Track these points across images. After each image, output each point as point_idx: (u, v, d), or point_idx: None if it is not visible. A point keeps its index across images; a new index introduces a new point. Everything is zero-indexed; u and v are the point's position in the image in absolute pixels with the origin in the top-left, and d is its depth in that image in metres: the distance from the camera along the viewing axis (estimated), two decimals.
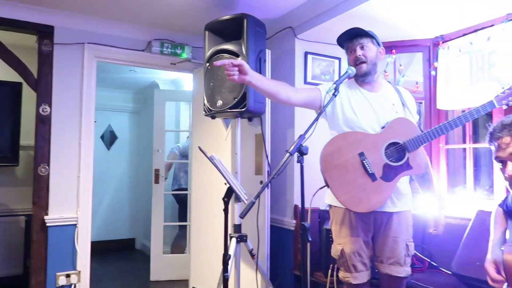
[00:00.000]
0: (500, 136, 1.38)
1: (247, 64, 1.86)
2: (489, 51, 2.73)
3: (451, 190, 3.19)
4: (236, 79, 1.86)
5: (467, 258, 2.27)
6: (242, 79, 1.87)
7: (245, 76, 1.86)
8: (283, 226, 3.21)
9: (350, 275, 2.02)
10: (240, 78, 1.86)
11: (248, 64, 2.59)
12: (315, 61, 3.24)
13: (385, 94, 2.11)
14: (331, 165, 1.97)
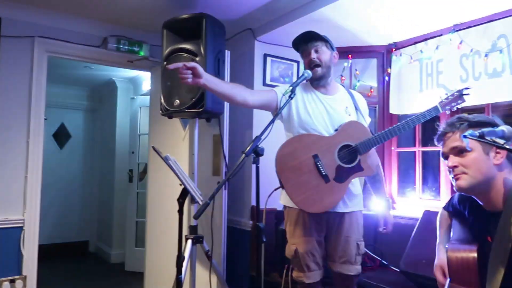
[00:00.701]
0: (445, 132, 1.46)
1: (201, 67, 1.84)
2: (437, 59, 2.88)
3: (402, 191, 3.32)
4: (190, 82, 1.83)
5: (414, 256, 2.37)
6: (196, 82, 1.84)
7: (199, 79, 1.84)
8: (240, 227, 3.21)
9: (303, 274, 2.06)
10: (193, 81, 1.84)
11: (206, 65, 2.63)
12: (274, 64, 3.27)
13: (339, 97, 2.17)
14: (286, 166, 1.99)
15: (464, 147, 1.35)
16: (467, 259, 1.35)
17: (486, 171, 1.35)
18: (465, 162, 1.37)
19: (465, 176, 1.37)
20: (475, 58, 2.65)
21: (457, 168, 1.39)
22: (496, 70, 2.54)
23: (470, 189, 1.39)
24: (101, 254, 5.45)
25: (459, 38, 2.73)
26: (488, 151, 1.37)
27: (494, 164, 1.36)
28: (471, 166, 1.36)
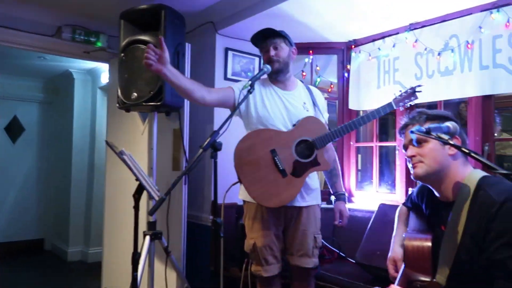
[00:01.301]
0: (406, 125, 1.52)
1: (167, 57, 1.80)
2: (394, 57, 2.96)
3: (360, 185, 3.41)
4: (153, 67, 1.79)
5: (369, 248, 2.44)
6: (159, 69, 1.80)
7: (162, 67, 1.80)
8: (200, 223, 3.18)
9: (261, 268, 2.08)
10: (156, 67, 1.80)
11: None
12: (236, 58, 3.25)
13: (297, 93, 2.19)
14: (244, 161, 2.00)
15: (422, 138, 1.42)
16: (422, 247, 1.41)
17: (440, 160, 1.42)
18: (422, 151, 1.44)
19: (421, 165, 1.44)
20: (429, 56, 2.74)
21: (415, 158, 1.45)
22: (448, 69, 2.64)
23: (426, 177, 1.45)
24: (58, 252, 5.26)
25: (414, 37, 2.82)
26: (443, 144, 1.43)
27: (448, 154, 1.42)
28: (427, 155, 1.43)
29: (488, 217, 1.24)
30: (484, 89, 2.46)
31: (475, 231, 1.28)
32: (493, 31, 2.43)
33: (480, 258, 1.26)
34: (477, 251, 1.27)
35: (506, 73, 2.37)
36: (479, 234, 1.26)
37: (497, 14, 2.40)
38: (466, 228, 1.31)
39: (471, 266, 1.29)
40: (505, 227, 1.21)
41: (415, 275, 1.40)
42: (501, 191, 1.26)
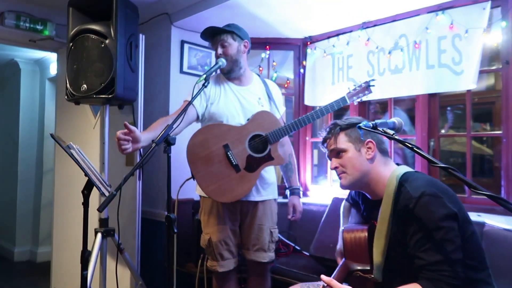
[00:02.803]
0: (325, 138, 1.57)
1: (136, 128, 1.80)
2: (348, 54, 3.03)
3: (315, 180, 3.48)
4: (131, 151, 1.79)
5: (323, 241, 2.50)
6: (136, 148, 1.81)
7: (138, 144, 1.80)
8: (156, 219, 3.12)
9: (217, 263, 2.08)
10: (133, 148, 1.80)
11: (117, 48, 2.48)
12: (192, 51, 3.20)
13: (252, 88, 2.19)
14: (196, 157, 1.99)
15: (340, 148, 1.49)
16: (359, 238, 1.48)
17: (360, 167, 1.47)
18: (342, 162, 1.50)
19: (344, 175, 1.50)
20: (380, 54, 2.84)
21: (338, 169, 1.52)
22: (398, 67, 2.75)
23: (351, 186, 1.52)
24: (3, 252, 4.96)
25: (367, 35, 2.90)
26: (360, 148, 1.49)
27: (367, 159, 1.48)
28: (347, 165, 1.49)
29: (407, 212, 1.30)
30: (430, 88, 2.59)
31: (398, 226, 1.34)
32: (438, 32, 2.55)
33: (404, 253, 1.32)
34: (401, 246, 1.33)
35: (450, 73, 2.50)
36: (401, 229, 1.33)
37: (442, 16, 2.52)
38: (393, 225, 1.36)
39: (401, 260, 1.35)
40: (421, 221, 1.27)
41: (354, 265, 1.46)
42: (418, 186, 1.32)
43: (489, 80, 4.12)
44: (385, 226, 1.37)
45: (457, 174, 1.10)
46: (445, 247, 1.22)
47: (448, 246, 1.22)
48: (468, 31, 2.41)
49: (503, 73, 2.40)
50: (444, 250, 1.22)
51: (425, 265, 1.24)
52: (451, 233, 1.24)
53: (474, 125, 5.44)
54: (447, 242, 1.23)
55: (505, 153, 2.36)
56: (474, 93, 4.56)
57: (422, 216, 1.27)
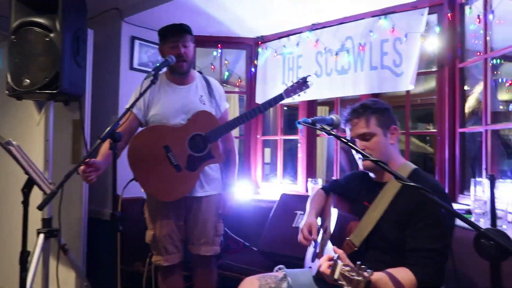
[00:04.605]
0: (351, 118, 1.60)
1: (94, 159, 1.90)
2: (298, 55, 3.12)
3: (266, 177, 3.54)
4: (95, 179, 1.90)
5: (271, 236, 2.55)
6: (99, 174, 1.92)
7: (100, 170, 1.92)
8: (104, 218, 3.04)
9: (161, 257, 2.09)
10: (97, 175, 1.91)
11: (63, 42, 2.40)
12: (143, 48, 3.16)
13: (194, 86, 2.20)
14: (138, 158, 2.03)
15: (370, 132, 1.55)
16: (350, 228, 1.55)
17: (385, 151, 1.57)
18: (370, 145, 1.56)
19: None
20: (328, 56, 2.94)
21: (364, 151, 1.53)
22: (344, 68, 2.86)
23: (374, 168, 1.58)
24: None
25: (315, 36, 3.00)
26: (386, 132, 1.58)
27: (390, 143, 1.58)
28: (375, 148, 1.55)
29: (419, 203, 1.39)
30: (373, 88, 2.72)
31: (404, 210, 1.43)
32: (381, 35, 2.69)
33: (399, 232, 1.42)
34: (399, 227, 1.43)
35: (391, 74, 2.64)
36: (407, 214, 1.42)
37: (384, 21, 2.66)
38: (394, 204, 1.46)
39: (388, 236, 1.45)
40: (433, 211, 1.37)
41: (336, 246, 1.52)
42: (432, 183, 1.46)
43: (432, 83, 4.37)
44: (384, 204, 1.48)
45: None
46: (442, 240, 1.35)
47: (444, 241, 1.35)
48: (407, 35, 2.56)
49: (438, 75, 2.58)
50: (440, 242, 1.34)
51: (421, 249, 1.34)
52: (450, 230, 1.40)
53: (419, 125, 5.77)
54: (446, 236, 1.37)
55: (439, 149, 2.53)
56: (418, 94, 4.87)
57: (434, 209, 1.37)
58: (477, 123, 2.53)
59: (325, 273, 1.24)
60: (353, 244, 1.48)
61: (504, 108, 2.76)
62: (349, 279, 1.11)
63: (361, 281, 1.08)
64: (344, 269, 1.15)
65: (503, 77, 3.07)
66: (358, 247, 1.47)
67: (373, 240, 1.47)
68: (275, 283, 1.54)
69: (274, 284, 1.54)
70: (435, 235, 1.35)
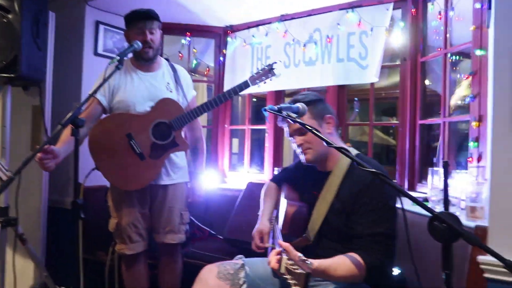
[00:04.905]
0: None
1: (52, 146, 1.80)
2: (266, 45, 3.13)
3: (234, 167, 3.55)
4: (54, 167, 1.82)
5: (236, 223, 2.58)
6: (58, 162, 1.83)
7: (59, 158, 1.83)
8: (65, 207, 2.95)
9: (125, 246, 2.07)
10: (56, 163, 1.82)
11: (21, 24, 2.30)
12: (108, 33, 3.06)
13: (160, 73, 2.17)
14: (99, 147, 1.99)
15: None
16: (300, 213, 1.57)
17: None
18: (307, 138, 1.56)
19: (310, 151, 1.57)
20: (296, 47, 2.97)
21: (303, 145, 1.57)
22: (312, 59, 2.90)
23: (316, 160, 1.59)
24: None
25: (284, 27, 3.01)
26: (321, 123, 1.58)
27: (327, 133, 1.58)
28: (313, 141, 1.56)
29: (361, 185, 1.43)
30: (339, 80, 2.77)
31: (347, 197, 1.46)
32: (348, 28, 2.74)
33: (346, 220, 1.45)
34: (345, 213, 1.46)
35: (357, 67, 2.70)
36: (350, 199, 1.45)
37: (351, 14, 2.71)
38: (339, 194, 1.49)
39: (337, 225, 1.47)
40: (374, 196, 1.40)
41: (291, 237, 1.55)
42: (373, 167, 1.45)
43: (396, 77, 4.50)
44: (331, 194, 1.49)
45: (348, 154, 1.21)
46: (386, 223, 1.38)
47: (389, 223, 1.39)
48: (373, 29, 2.62)
49: (401, 69, 2.66)
50: (385, 225, 1.38)
51: (367, 234, 1.37)
52: (393, 214, 1.41)
53: (383, 118, 5.95)
54: (389, 219, 1.39)
55: (400, 140, 2.63)
56: (382, 88, 5.01)
57: (377, 191, 1.40)
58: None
59: (274, 268, 1.28)
60: (308, 239, 1.51)
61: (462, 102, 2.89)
62: (292, 272, 1.15)
63: (302, 274, 1.11)
64: (288, 263, 1.19)
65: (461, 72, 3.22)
66: (312, 240, 1.50)
67: (325, 230, 1.50)
68: (234, 269, 1.56)
69: (233, 271, 1.55)
70: (379, 218, 1.38)
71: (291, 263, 1.17)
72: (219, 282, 1.52)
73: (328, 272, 1.29)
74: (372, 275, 1.36)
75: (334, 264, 1.32)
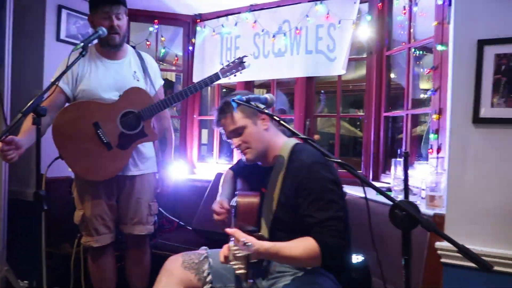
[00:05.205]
0: (219, 119, 1.60)
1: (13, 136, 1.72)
2: (236, 35, 3.11)
3: (203, 157, 3.54)
4: (17, 158, 1.75)
5: (204, 215, 2.57)
6: (21, 153, 1.76)
7: (22, 149, 1.76)
8: (26, 199, 2.85)
9: (91, 238, 2.03)
10: (19, 154, 1.75)
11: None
12: (72, 18, 2.95)
13: (127, 61, 2.12)
14: (64, 136, 1.92)
15: (239, 127, 1.54)
16: (252, 203, 1.58)
17: (261, 139, 1.57)
18: (245, 138, 1.56)
19: (249, 150, 1.57)
20: (266, 37, 2.97)
21: (241, 146, 1.57)
22: (281, 50, 2.91)
23: (257, 159, 1.59)
24: None
25: (254, 17, 3.01)
26: (256, 121, 1.57)
27: (263, 129, 1.58)
28: (250, 140, 1.56)
29: (299, 178, 1.44)
30: (308, 71, 2.81)
31: (289, 190, 1.48)
32: (317, 20, 2.76)
33: (294, 213, 1.47)
34: (291, 207, 1.48)
35: (325, 59, 2.74)
36: (292, 193, 1.47)
37: (320, 6, 2.74)
38: (282, 189, 1.51)
39: (287, 220, 1.49)
40: (313, 186, 1.42)
41: (244, 226, 1.56)
42: (309, 155, 1.48)
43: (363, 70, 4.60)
44: (276, 189, 1.51)
45: (314, 144, 1.24)
46: (332, 207, 1.39)
47: (334, 206, 1.39)
48: (341, 22, 2.66)
49: (367, 62, 2.72)
50: (331, 209, 1.39)
51: (316, 223, 1.38)
52: (336, 195, 1.42)
53: (350, 111, 6.08)
54: (333, 202, 1.40)
55: (366, 132, 2.70)
56: (350, 81, 5.11)
57: (314, 180, 1.42)
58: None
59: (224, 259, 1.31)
60: (263, 237, 1.53)
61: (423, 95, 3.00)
62: (236, 257, 1.17)
63: (243, 256, 1.13)
64: (234, 249, 1.20)
65: (424, 67, 3.33)
66: (266, 237, 1.52)
67: (277, 225, 1.53)
68: (198, 259, 1.57)
69: (198, 260, 1.56)
70: (324, 205, 1.39)
71: (235, 248, 1.19)
72: (185, 271, 1.53)
73: (283, 252, 1.31)
74: (330, 259, 1.37)
75: (289, 245, 1.34)
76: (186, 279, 1.53)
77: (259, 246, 1.28)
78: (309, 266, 1.43)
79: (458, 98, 1.54)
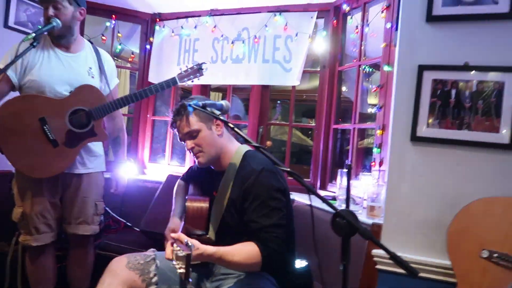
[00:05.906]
0: (175, 121, 1.63)
1: None
2: (195, 38, 3.12)
3: (154, 158, 3.50)
4: None
5: (153, 215, 2.55)
6: None
7: None
8: None
9: (31, 237, 1.95)
10: None
11: None
12: (22, 5, 2.81)
13: (83, 56, 2.06)
14: (6, 129, 1.84)
15: (194, 130, 1.57)
16: (201, 208, 1.62)
17: (214, 144, 1.61)
18: (198, 142, 1.59)
19: (202, 154, 1.60)
20: (224, 43, 3.01)
21: (194, 149, 1.60)
22: (239, 57, 2.96)
23: (209, 163, 1.63)
24: None
25: (214, 22, 3.04)
26: (210, 126, 1.61)
27: (217, 135, 1.62)
28: (203, 144, 1.59)
29: (248, 184, 1.50)
30: (264, 80, 2.88)
31: (237, 195, 1.53)
32: (275, 31, 2.85)
33: (240, 218, 1.51)
34: (238, 212, 1.52)
35: (281, 69, 2.83)
36: (240, 198, 1.52)
37: (279, 17, 2.82)
38: (231, 194, 1.56)
39: (234, 224, 1.54)
40: (259, 191, 1.48)
41: (193, 230, 1.59)
42: (259, 162, 1.54)
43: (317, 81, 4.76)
44: (226, 193, 1.55)
45: (265, 152, 1.29)
46: (276, 214, 1.46)
47: (278, 214, 1.46)
48: (298, 34, 2.76)
49: (320, 75, 2.84)
50: (275, 216, 1.45)
51: (260, 228, 1.43)
52: (281, 203, 1.49)
53: (303, 120, 6.26)
54: (277, 210, 1.47)
55: (315, 142, 2.81)
56: (304, 91, 5.27)
57: (261, 187, 1.47)
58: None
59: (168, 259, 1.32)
60: (209, 239, 1.57)
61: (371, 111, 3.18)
62: (178, 257, 1.21)
63: (183, 256, 1.18)
64: (176, 249, 1.23)
65: (373, 83, 3.52)
66: (215, 241, 1.56)
67: (224, 229, 1.57)
68: (144, 260, 1.57)
69: (143, 261, 1.56)
70: (268, 212, 1.45)
71: (178, 249, 1.22)
72: (129, 272, 1.52)
73: (226, 257, 1.36)
74: (271, 263, 1.43)
75: (232, 250, 1.38)
76: (130, 279, 1.52)
77: (203, 250, 1.31)
78: (250, 270, 1.47)
79: (399, 117, 1.66)
